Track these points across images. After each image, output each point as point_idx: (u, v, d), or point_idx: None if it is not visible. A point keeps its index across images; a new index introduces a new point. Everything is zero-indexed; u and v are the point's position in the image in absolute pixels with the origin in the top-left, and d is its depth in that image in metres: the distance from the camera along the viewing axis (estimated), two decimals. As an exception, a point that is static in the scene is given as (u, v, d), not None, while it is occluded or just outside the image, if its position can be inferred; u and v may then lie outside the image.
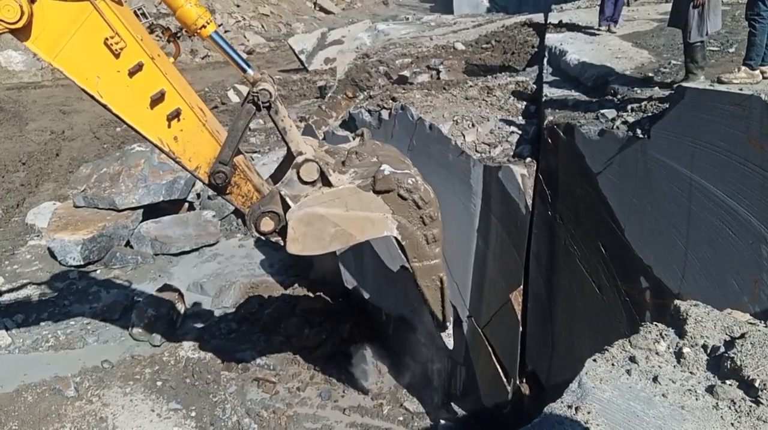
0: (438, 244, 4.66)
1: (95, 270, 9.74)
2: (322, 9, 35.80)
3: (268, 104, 4.22)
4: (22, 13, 3.63)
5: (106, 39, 3.90)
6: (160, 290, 8.52)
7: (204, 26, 4.21)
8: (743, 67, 4.27)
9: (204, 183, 4.58)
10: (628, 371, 2.55)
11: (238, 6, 31.17)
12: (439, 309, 5.02)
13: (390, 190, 4.40)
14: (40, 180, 13.17)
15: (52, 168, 13.71)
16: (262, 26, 31.34)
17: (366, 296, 7.55)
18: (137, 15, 4.64)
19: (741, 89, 3.97)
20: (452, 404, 6.99)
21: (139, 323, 7.87)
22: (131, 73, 4.02)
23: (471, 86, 7.13)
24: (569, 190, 5.24)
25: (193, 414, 6.68)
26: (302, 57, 20.54)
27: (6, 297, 8.93)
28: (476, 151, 5.88)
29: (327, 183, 4.42)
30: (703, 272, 4.28)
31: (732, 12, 7.13)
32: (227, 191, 4.55)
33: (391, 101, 6.93)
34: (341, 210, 4.37)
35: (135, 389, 7.04)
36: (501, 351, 6.24)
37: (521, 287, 5.87)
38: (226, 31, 28.64)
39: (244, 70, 4.35)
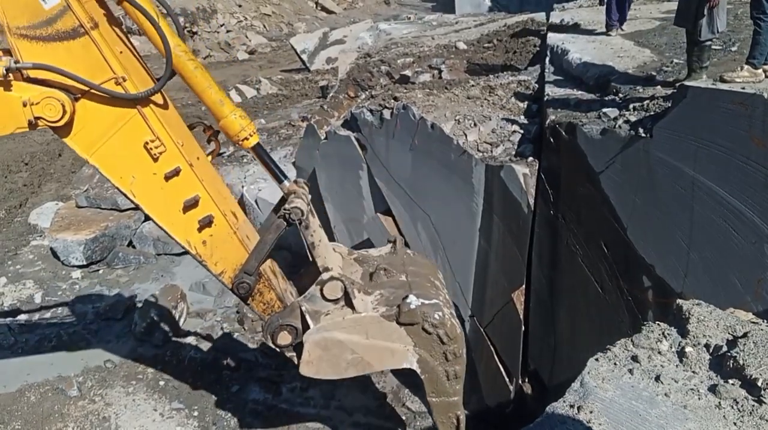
0: (459, 381, 4.39)
1: (98, 270, 9.75)
2: (323, 9, 35.81)
3: (299, 222, 4.13)
4: (65, 112, 3.54)
5: (146, 143, 3.81)
6: (162, 290, 8.53)
7: (246, 138, 4.09)
8: (746, 66, 4.25)
9: (227, 288, 4.46)
10: (631, 371, 2.55)
11: (240, 6, 31.19)
12: None
13: (414, 324, 4.18)
14: (42, 180, 13.19)
15: (55, 168, 13.73)
16: (264, 26, 31.36)
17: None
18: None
19: (744, 88, 3.96)
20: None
21: (142, 322, 7.88)
22: (167, 177, 3.92)
23: (473, 86, 7.13)
24: (571, 190, 5.24)
25: (196, 414, 6.69)
26: (304, 57, 20.56)
27: (9, 297, 8.95)
28: (478, 150, 5.88)
29: (350, 304, 4.25)
30: (706, 271, 4.28)
31: (735, 10, 7.11)
32: (250, 299, 4.46)
33: (392, 101, 6.92)
34: (361, 338, 4.19)
35: (138, 389, 7.05)
36: (503, 350, 6.23)
37: (523, 286, 5.87)
38: (228, 32, 28.70)
39: (281, 181, 4.28)
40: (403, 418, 6.89)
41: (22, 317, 8.35)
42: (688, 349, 2.61)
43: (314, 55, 20.58)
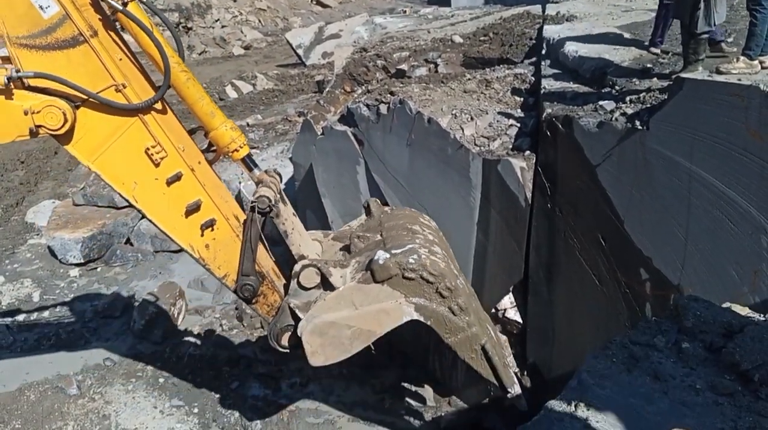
0: (466, 312, 4.27)
1: (96, 268, 9.73)
2: (319, 3, 35.70)
3: (267, 210, 4.16)
4: (66, 120, 3.57)
5: (148, 148, 3.85)
6: (161, 287, 8.52)
7: (237, 150, 4.17)
8: (742, 57, 4.25)
9: (232, 291, 4.48)
10: (628, 368, 2.55)
11: (234, 1, 31.07)
12: (493, 377, 4.57)
13: (392, 276, 4.08)
14: (39, 178, 13.15)
15: (51, 166, 13.69)
16: (260, 21, 31.26)
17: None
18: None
19: (740, 80, 3.95)
20: (454, 397, 7.00)
21: (141, 320, 7.87)
22: (169, 182, 3.96)
23: (469, 79, 7.11)
24: (568, 183, 5.23)
25: (196, 411, 6.69)
26: (300, 51, 20.51)
27: (7, 296, 8.94)
28: (475, 144, 5.87)
29: (329, 284, 4.20)
30: (703, 263, 4.28)
31: (730, 1, 7.09)
32: (254, 301, 4.47)
33: (389, 95, 6.90)
34: (350, 310, 4.09)
35: (137, 387, 7.05)
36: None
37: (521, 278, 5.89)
38: (223, 27, 28.59)
39: (251, 170, 4.34)
40: (403, 412, 6.90)
41: (21, 316, 8.34)
42: (685, 345, 2.61)
43: (310, 49, 20.53)
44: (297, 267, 4.27)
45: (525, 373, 6.34)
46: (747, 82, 3.85)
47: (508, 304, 6.11)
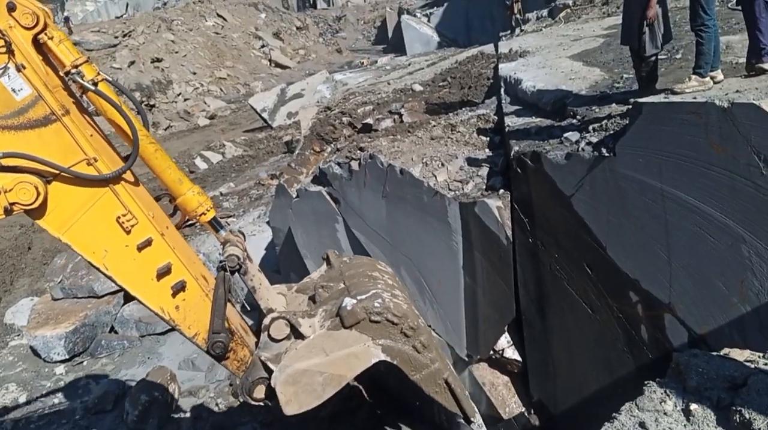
0: (429, 349, 4.54)
1: (82, 362, 9.47)
2: (277, 65, 36.36)
3: (237, 268, 4.34)
4: (38, 194, 3.63)
5: (119, 217, 3.96)
6: (151, 372, 8.30)
7: (204, 213, 4.38)
8: (694, 76, 4.39)
9: (203, 350, 4.55)
10: None
11: (194, 74, 31.49)
12: (456, 408, 4.82)
13: (360, 321, 4.34)
14: (14, 277, 12.89)
15: (26, 262, 13.45)
16: (221, 89, 31.66)
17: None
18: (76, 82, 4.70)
19: (695, 97, 4.07)
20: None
21: (134, 410, 7.62)
22: (140, 248, 4.07)
23: (434, 126, 7.22)
24: (546, 216, 5.28)
25: (202, 499, 6.44)
26: (265, 115, 20.76)
27: (-8, 404, 8.62)
28: (449, 189, 5.92)
29: (299, 335, 4.40)
30: (689, 279, 4.31)
31: (672, 17, 7.37)
32: (225, 358, 4.55)
33: (358, 151, 6.97)
34: (321, 357, 4.30)
35: (138, 481, 6.78)
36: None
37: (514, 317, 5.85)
38: (185, 100, 28.88)
39: (217, 231, 4.54)
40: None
41: (8, 423, 8.01)
42: (692, 406, 2.56)
43: (275, 112, 20.80)
44: (266, 320, 4.40)
45: (532, 411, 6.24)
46: (702, 99, 3.97)
47: (505, 344, 6.05)
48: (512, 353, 6.08)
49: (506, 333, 6.07)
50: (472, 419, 4.96)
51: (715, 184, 3.94)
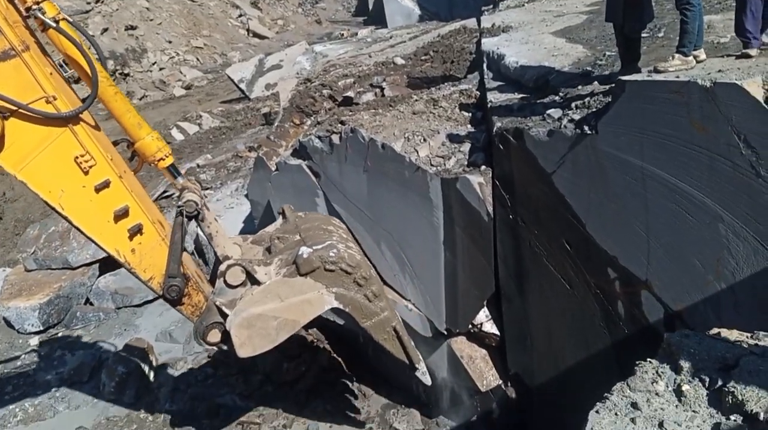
0: (380, 298, 4.78)
1: (57, 334, 9.36)
2: (255, 35, 35.65)
3: (195, 214, 4.41)
4: None
5: (77, 157, 3.97)
6: (127, 344, 8.25)
7: (162, 159, 4.45)
8: (677, 55, 4.39)
9: (158, 295, 4.64)
10: (633, 420, 2.51)
11: (170, 42, 30.75)
12: (403, 355, 5.15)
13: (315, 269, 4.49)
14: (-15, 247, 12.64)
15: (-3, 233, 13.18)
16: (198, 59, 31.00)
17: (340, 322, 7.47)
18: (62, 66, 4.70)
19: (678, 76, 4.08)
20: (442, 417, 6.95)
21: (110, 382, 7.59)
22: (98, 189, 4.09)
23: (416, 100, 7.17)
24: (527, 193, 5.30)
25: (180, 470, 6.47)
26: (242, 86, 20.43)
27: (-35, 376, 8.50)
28: (431, 164, 5.90)
29: (255, 281, 4.49)
30: (667, 256, 4.37)
31: (654, -3, 7.36)
32: (180, 303, 4.64)
33: (339, 125, 6.90)
34: (276, 303, 4.41)
35: (115, 453, 6.78)
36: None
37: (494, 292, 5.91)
38: (161, 69, 28.25)
39: (175, 177, 4.59)
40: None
41: (-18, 395, 7.93)
42: (684, 387, 2.59)
43: (252, 83, 20.48)
44: (223, 266, 4.54)
45: (508, 384, 6.35)
46: (685, 78, 3.98)
47: (483, 318, 6.12)
48: (491, 328, 6.16)
49: (485, 308, 6.13)
50: (417, 365, 5.31)
51: (695, 163, 3.98)
